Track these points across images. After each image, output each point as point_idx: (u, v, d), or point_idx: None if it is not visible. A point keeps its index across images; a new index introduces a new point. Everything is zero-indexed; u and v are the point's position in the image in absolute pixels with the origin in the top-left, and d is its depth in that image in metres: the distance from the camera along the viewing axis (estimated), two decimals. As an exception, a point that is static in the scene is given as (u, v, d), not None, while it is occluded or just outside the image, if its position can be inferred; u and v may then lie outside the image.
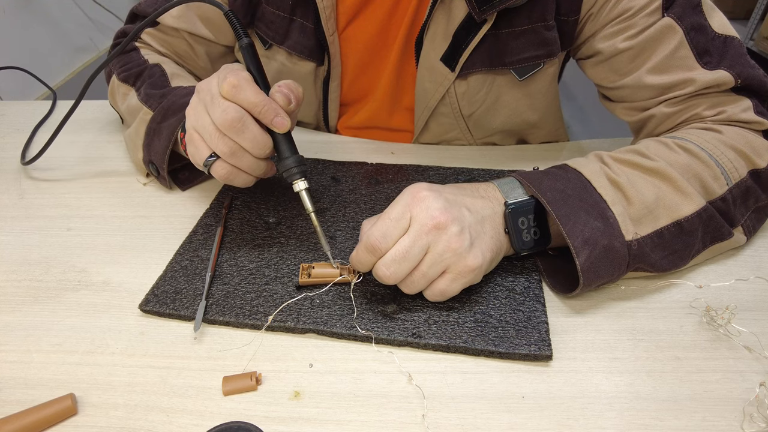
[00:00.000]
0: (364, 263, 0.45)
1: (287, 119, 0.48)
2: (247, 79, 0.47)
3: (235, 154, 0.49)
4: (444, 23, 0.61)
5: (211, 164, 0.50)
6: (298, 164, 0.49)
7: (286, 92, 0.49)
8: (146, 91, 0.64)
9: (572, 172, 0.49)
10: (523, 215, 0.48)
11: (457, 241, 0.43)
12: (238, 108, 0.47)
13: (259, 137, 0.48)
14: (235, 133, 0.47)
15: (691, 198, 0.48)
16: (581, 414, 0.40)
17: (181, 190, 0.65)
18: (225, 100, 0.47)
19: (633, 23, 0.57)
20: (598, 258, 0.45)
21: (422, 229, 0.43)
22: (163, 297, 0.49)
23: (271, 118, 0.48)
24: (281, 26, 0.67)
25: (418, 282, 0.44)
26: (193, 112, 0.51)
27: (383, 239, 0.44)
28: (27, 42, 2.37)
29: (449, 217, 0.44)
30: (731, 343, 0.45)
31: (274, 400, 0.41)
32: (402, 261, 0.43)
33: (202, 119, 0.49)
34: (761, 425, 0.39)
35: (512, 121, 0.70)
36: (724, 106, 0.56)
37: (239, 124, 0.47)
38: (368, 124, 0.75)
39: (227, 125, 0.47)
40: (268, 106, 0.47)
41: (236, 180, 0.51)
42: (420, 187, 0.46)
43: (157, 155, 0.60)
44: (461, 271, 0.44)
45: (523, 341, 0.44)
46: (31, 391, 0.42)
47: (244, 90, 0.47)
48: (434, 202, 0.44)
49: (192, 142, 0.51)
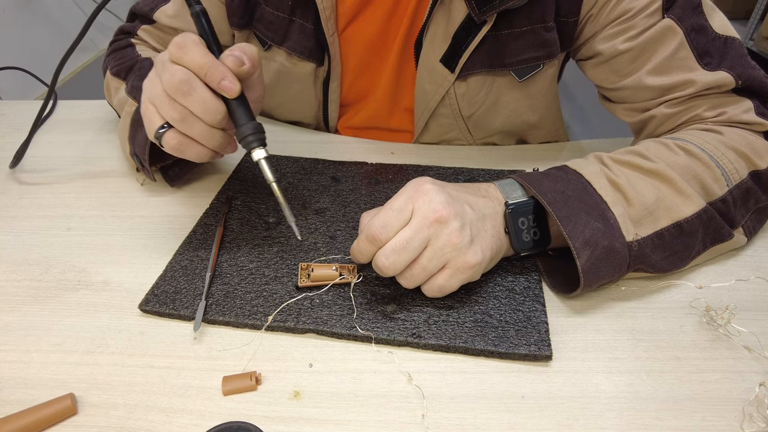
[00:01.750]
0: (364, 253, 0.45)
1: (236, 83, 0.45)
2: (194, 41, 0.45)
3: (185, 119, 0.46)
4: (444, 24, 0.61)
5: (162, 135, 0.47)
6: (255, 131, 0.46)
7: (237, 54, 0.46)
8: (133, 83, 0.63)
9: (572, 173, 0.49)
10: (522, 215, 0.48)
11: (458, 236, 0.43)
12: (185, 70, 0.44)
13: (209, 101, 0.45)
14: (183, 96, 0.44)
15: (691, 199, 0.48)
16: (581, 414, 0.40)
17: (170, 186, 0.64)
18: (173, 64, 0.45)
19: (633, 24, 0.57)
20: (598, 259, 0.45)
21: (424, 221, 0.43)
22: (162, 297, 0.49)
23: (218, 80, 0.45)
24: (280, 27, 0.67)
25: (417, 275, 0.44)
26: (148, 84, 0.48)
27: (384, 229, 0.44)
28: (27, 42, 2.37)
29: (451, 211, 0.44)
30: (731, 343, 0.45)
31: (273, 400, 0.41)
32: (402, 252, 0.43)
33: (155, 87, 0.47)
34: (761, 425, 0.39)
35: (512, 122, 0.70)
36: (724, 107, 0.56)
37: (186, 86, 0.44)
38: (368, 124, 0.75)
39: (174, 88, 0.44)
40: (214, 67, 0.44)
41: (188, 151, 0.48)
42: (424, 180, 0.46)
43: (139, 147, 0.58)
44: (460, 267, 0.44)
45: (523, 341, 0.44)
46: (30, 390, 0.42)
47: (191, 50, 0.44)
48: (437, 195, 0.44)
49: (146, 114, 0.48)
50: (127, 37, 0.74)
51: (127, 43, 0.73)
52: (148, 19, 0.72)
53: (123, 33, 0.75)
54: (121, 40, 0.74)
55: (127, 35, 0.74)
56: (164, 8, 0.70)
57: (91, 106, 0.85)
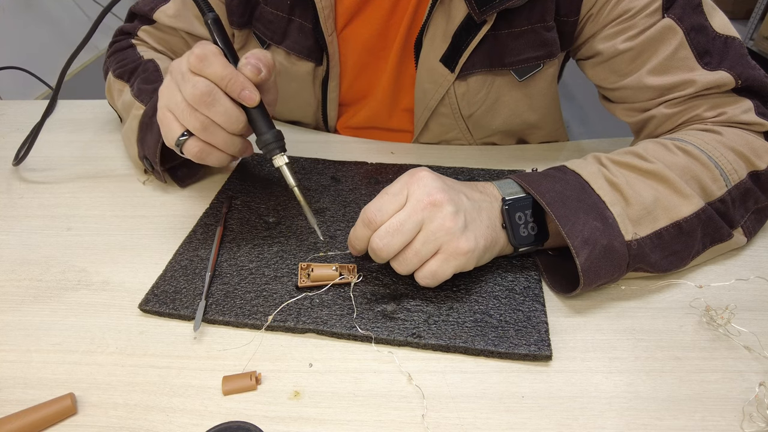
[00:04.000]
0: (360, 238, 0.46)
1: (255, 93, 0.47)
2: (214, 52, 0.46)
3: (207, 129, 0.48)
4: (443, 24, 0.61)
5: (183, 142, 0.49)
6: (276, 139, 0.49)
7: (254, 63, 0.47)
8: (139, 86, 0.64)
9: (570, 173, 0.50)
10: (519, 210, 0.49)
11: (452, 220, 0.44)
12: (207, 82, 0.46)
13: (231, 111, 0.47)
14: (206, 107, 0.46)
15: (690, 199, 0.48)
16: (581, 414, 0.40)
17: (180, 187, 0.65)
18: (194, 75, 0.46)
19: (633, 24, 0.57)
20: (598, 258, 0.45)
21: (418, 204, 0.44)
22: (162, 297, 0.49)
23: (239, 91, 0.47)
24: (279, 26, 0.67)
25: (410, 260, 0.45)
26: (165, 91, 0.50)
27: (379, 212, 0.45)
28: (27, 42, 2.37)
29: (446, 196, 0.44)
30: (731, 342, 0.45)
31: (273, 400, 0.41)
32: (395, 234, 0.44)
33: (174, 97, 0.48)
34: (761, 425, 0.39)
35: (512, 122, 0.70)
36: (724, 107, 0.55)
37: (209, 98, 0.46)
38: (368, 124, 0.75)
39: (197, 99, 0.46)
40: (234, 78, 0.46)
41: (209, 158, 0.50)
42: (420, 168, 0.47)
43: (150, 149, 0.59)
44: (453, 252, 0.44)
45: (523, 341, 0.44)
46: (30, 390, 0.42)
47: (211, 63, 0.46)
48: (432, 181, 0.45)
49: (164, 121, 0.50)
50: (127, 37, 0.74)
51: (128, 44, 0.73)
52: (147, 19, 0.72)
53: (123, 34, 0.75)
54: (121, 41, 0.74)
55: (127, 36, 0.74)
56: (164, 8, 0.70)
57: (91, 106, 0.85)
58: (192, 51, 0.47)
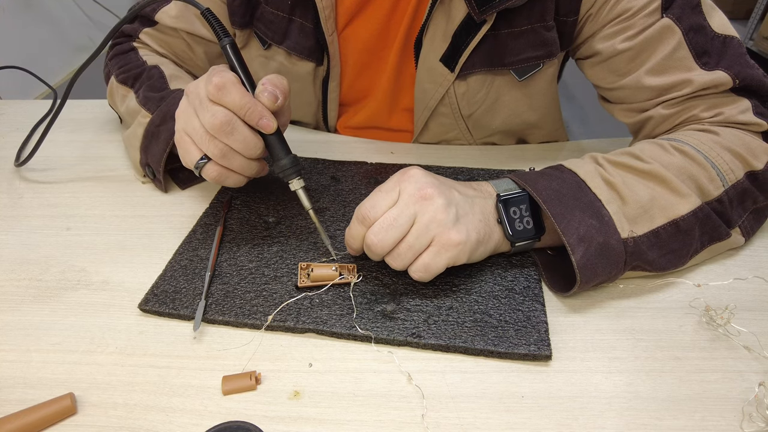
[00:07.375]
0: (355, 236, 0.47)
1: (273, 121, 0.49)
2: (232, 81, 0.48)
3: (226, 156, 0.49)
4: (443, 24, 0.61)
5: (202, 166, 0.51)
6: (293, 164, 0.50)
7: (271, 90, 0.49)
8: (145, 93, 0.64)
9: (567, 172, 0.50)
10: (515, 205, 0.49)
11: (443, 212, 0.45)
12: (227, 111, 0.47)
13: (249, 138, 0.49)
14: (225, 135, 0.48)
15: (687, 198, 0.48)
16: (581, 414, 0.40)
17: (180, 188, 0.65)
18: (213, 104, 0.48)
19: (632, 24, 0.57)
20: (594, 255, 0.45)
21: (410, 199, 0.45)
22: (162, 296, 0.49)
23: (256, 120, 0.48)
24: (280, 26, 0.67)
25: (404, 254, 0.45)
26: (183, 115, 0.51)
27: (372, 209, 0.46)
28: (27, 42, 2.37)
29: (437, 190, 0.45)
30: (730, 342, 0.45)
31: (273, 400, 0.41)
32: (389, 229, 0.45)
33: (191, 122, 0.49)
34: (760, 425, 0.39)
35: (512, 122, 0.70)
36: (721, 107, 0.55)
37: (228, 127, 0.47)
38: (368, 124, 0.75)
39: (216, 128, 0.47)
40: (253, 108, 0.48)
41: (228, 181, 0.52)
42: (412, 167, 0.49)
43: (154, 158, 0.60)
44: (444, 243, 0.45)
45: (523, 341, 0.44)
46: (30, 390, 0.42)
47: (230, 92, 0.47)
48: (423, 177, 0.47)
49: (182, 145, 0.51)
50: (128, 40, 0.74)
51: (129, 47, 0.72)
52: (149, 20, 0.72)
53: (123, 35, 0.74)
54: (122, 44, 0.73)
55: (128, 38, 0.74)
56: (166, 9, 0.70)
57: (91, 106, 0.85)
58: (210, 79, 0.47)
